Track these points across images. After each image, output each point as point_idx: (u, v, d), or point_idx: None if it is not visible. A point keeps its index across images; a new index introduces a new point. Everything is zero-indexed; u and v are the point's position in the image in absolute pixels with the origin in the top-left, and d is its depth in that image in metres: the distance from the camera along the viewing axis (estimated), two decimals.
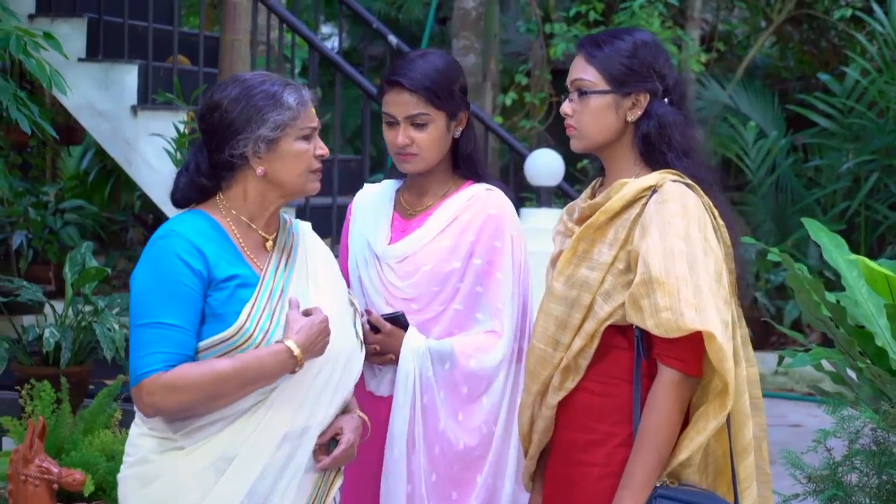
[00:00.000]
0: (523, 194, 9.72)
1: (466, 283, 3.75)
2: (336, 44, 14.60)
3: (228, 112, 3.23)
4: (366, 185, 4.04)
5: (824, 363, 4.80)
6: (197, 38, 7.88)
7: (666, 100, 3.33)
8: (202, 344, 3.15)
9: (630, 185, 3.25)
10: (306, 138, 3.27)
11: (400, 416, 3.71)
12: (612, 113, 3.31)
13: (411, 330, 3.72)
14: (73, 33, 7.54)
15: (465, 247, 3.75)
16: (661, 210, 3.17)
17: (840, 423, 4.19)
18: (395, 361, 3.72)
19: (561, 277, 3.30)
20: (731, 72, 12.72)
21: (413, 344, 3.70)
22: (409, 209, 3.87)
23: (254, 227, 3.30)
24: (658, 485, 3.18)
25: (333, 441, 3.31)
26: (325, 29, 14.61)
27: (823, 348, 4.70)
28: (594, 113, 3.31)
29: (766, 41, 13.00)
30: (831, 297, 4.68)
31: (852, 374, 4.75)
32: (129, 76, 7.43)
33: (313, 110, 3.31)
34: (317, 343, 3.18)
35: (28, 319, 7.10)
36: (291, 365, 3.15)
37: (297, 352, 3.13)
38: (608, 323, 3.22)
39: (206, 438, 3.16)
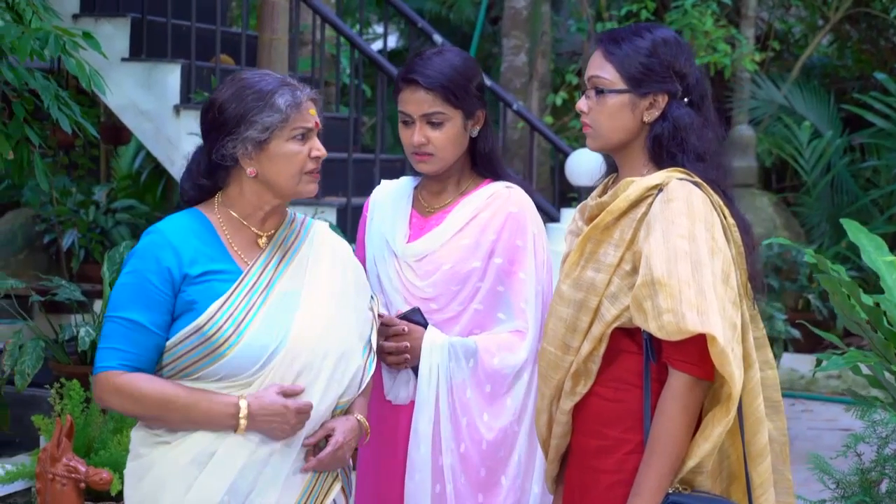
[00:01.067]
0: (571, 194, 9.68)
1: (487, 282, 3.70)
2: (388, 43, 14.60)
3: (221, 112, 3.22)
4: (383, 182, 3.99)
5: (862, 366, 4.71)
6: (240, 38, 7.89)
7: (686, 99, 3.25)
8: (176, 337, 3.16)
9: (636, 184, 3.17)
10: (300, 139, 3.22)
11: (425, 414, 3.67)
12: (629, 113, 3.22)
13: (431, 327, 3.68)
14: (116, 33, 7.57)
15: (485, 246, 3.70)
16: (665, 209, 3.09)
17: (871, 428, 4.10)
18: (413, 362, 3.68)
19: (568, 279, 3.24)
20: (788, 71, 12.59)
21: (433, 339, 3.66)
22: (427, 207, 3.81)
23: (246, 224, 3.28)
24: (670, 491, 3.11)
25: (326, 442, 3.28)
26: (379, 28, 14.61)
27: (860, 351, 4.62)
28: (610, 112, 3.23)
29: (823, 40, 12.85)
30: (868, 299, 4.60)
31: (891, 377, 4.66)
32: (171, 76, 7.44)
33: (311, 111, 3.25)
34: (271, 421, 3.14)
35: (76, 318, 7.14)
36: (233, 422, 3.13)
37: (242, 412, 3.12)
38: (615, 325, 3.15)
39: (187, 433, 3.16)
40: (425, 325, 3.68)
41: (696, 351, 3.04)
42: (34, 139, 5.32)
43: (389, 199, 3.89)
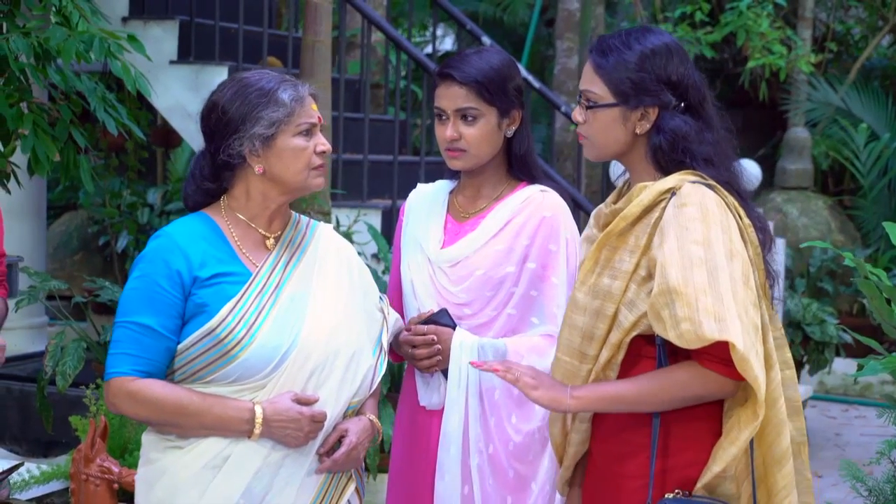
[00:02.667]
0: None
1: (521, 287, 3.68)
2: (446, 45, 14.59)
3: (225, 112, 3.22)
4: (419, 186, 3.99)
5: None
6: (288, 40, 7.91)
7: (683, 104, 3.19)
8: (188, 340, 3.15)
9: (649, 188, 3.14)
10: (304, 134, 3.23)
11: (454, 415, 3.66)
12: (620, 126, 3.18)
13: (459, 328, 3.66)
14: (164, 35, 7.62)
15: (519, 251, 3.68)
16: (678, 214, 3.05)
17: None
18: (444, 365, 3.66)
19: (584, 286, 3.20)
20: (847, 73, 12.46)
21: (463, 340, 3.64)
22: (462, 211, 3.80)
23: (253, 225, 3.29)
24: (669, 496, 3.08)
25: (340, 443, 3.26)
26: (439, 30, 14.61)
27: None
28: (602, 125, 3.19)
29: (882, 41, 12.70)
30: None
31: None
32: (219, 78, 7.43)
33: (313, 106, 3.26)
34: (285, 427, 3.14)
35: None
36: (247, 427, 3.12)
37: (258, 417, 3.11)
38: (634, 333, 3.11)
39: (201, 438, 3.15)
40: (454, 327, 3.66)
41: (723, 353, 2.99)
42: (80, 141, 5.34)
43: (425, 203, 3.88)
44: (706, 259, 3.00)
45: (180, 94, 7.53)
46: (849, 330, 5.31)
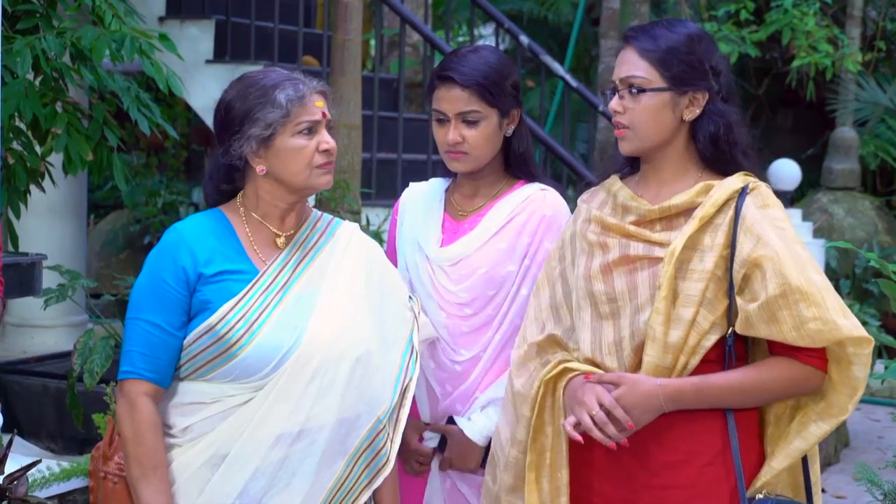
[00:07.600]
0: None
1: (522, 286, 3.63)
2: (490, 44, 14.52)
3: (227, 112, 3.19)
4: (412, 184, 3.94)
5: None
6: (323, 39, 7.93)
7: (720, 96, 3.13)
8: (190, 336, 3.14)
9: (719, 187, 3.07)
10: (306, 133, 3.17)
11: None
12: (669, 112, 3.10)
13: (458, 419, 3.63)
14: (201, 35, 7.66)
15: (521, 249, 3.63)
16: (766, 216, 3.02)
17: None
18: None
19: (664, 291, 3.05)
20: None
21: (466, 423, 3.62)
22: (460, 210, 3.75)
23: (265, 223, 3.26)
24: (755, 497, 3.02)
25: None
26: (485, 30, 14.58)
27: None
28: (650, 112, 3.10)
29: None
30: None
31: None
32: None
33: (318, 103, 3.19)
34: None
35: None
36: None
37: None
38: (712, 337, 3.03)
39: (200, 436, 3.14)
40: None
41: (822, 349, 2.98)
42: (112, 140, 5.38)
43: (420, 202, 3.83)
44: (812, 260, 3.00)
45: (216, 94, 7.44)
46: (884, 331, 5.26)
